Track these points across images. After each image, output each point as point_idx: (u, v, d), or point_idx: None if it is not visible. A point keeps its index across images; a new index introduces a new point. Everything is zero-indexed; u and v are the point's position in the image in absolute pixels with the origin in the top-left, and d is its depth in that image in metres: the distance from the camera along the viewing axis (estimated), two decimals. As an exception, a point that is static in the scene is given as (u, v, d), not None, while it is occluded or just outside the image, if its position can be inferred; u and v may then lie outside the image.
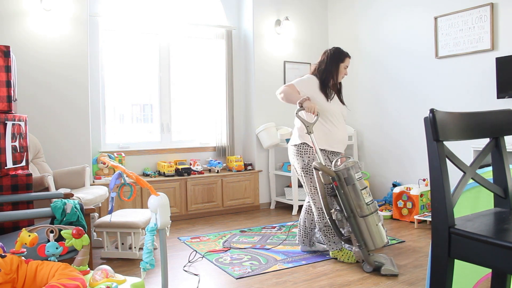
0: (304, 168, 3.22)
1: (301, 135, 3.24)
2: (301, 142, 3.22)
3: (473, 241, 1.15)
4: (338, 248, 3.21)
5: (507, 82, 3.80)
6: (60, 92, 4.26)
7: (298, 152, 3.24)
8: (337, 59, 3.29)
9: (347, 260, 3.15)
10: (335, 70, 3.29)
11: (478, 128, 1.37)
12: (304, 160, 3.21)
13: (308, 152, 3.20)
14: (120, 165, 2.41)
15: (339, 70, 3.30)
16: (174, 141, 5.21)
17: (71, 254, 2.30)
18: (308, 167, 3.20)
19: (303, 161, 3.22)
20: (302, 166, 3.23)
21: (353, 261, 3.12)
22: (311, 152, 3.19)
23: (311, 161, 3.18)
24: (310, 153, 3.19)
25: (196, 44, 5.31)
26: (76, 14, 4.30)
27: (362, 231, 2.87)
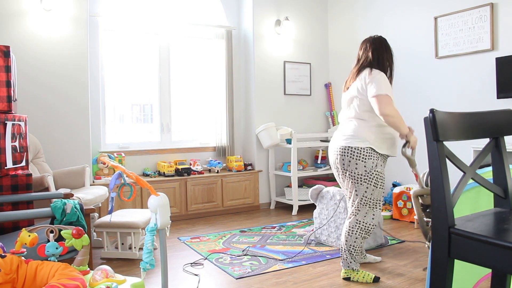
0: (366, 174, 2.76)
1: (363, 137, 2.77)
2: (366, 147, 2.76)
3: (473, 241, 1.15)
4: (357, 268, 2.86)
5: (507, 82, 3.80)
6: (60, 92, 4.26)
7: (360, 154, 2.75)
8: (390, 47, 2.94)
9: (362, 279, 2.83)
10: (392, 61, 2.92)
11: (478, 128, 1.37)
12: (367, 165, 2.75)
13: (373, 157, 2.76)
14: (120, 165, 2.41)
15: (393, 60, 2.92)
16: (174, 141, 5.21)
17: (71, 254, 2.30)
18: (370, 173, 2.77)
19: (365, 166, 2.75)
20: (362, 172, 2.76)
21: (370, 280, 2.81)
22: (375, 157, 2.76)
23: (374, 167, 2.76)
24: (374, 157, 2.76)
25: (196, 44, 5.31)
26: (76, 14, 4.30)
27: None
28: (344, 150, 2.79)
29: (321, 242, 3.68)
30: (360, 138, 2.76)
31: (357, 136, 2.77)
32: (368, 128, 2.77)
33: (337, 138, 2.88)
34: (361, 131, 2.77)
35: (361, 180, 2.78)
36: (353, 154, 2.76)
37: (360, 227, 2.81)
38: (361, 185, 2.78)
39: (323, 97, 5.81)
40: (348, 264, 2.85)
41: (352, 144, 2.77)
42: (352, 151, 2.76)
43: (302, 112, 5.65)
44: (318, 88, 5.77)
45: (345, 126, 2.86)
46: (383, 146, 2.80)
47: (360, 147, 2.75)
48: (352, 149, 2.76)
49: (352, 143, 2.77)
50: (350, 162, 2.77)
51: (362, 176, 2.77)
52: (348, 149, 2.77)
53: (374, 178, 2.78)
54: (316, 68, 5.75)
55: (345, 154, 2.79)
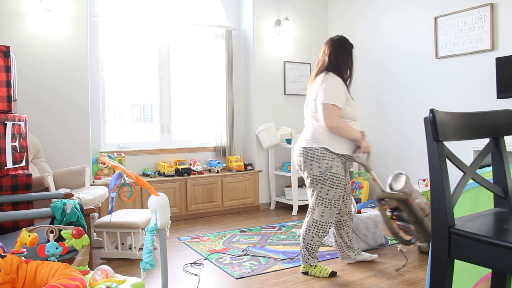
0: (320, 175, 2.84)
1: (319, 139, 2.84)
2: (321, 147, 2.83)
3: (473, 241, 1.15)
4: (314, 264, 2.94)
5: (507, 82, 3.80)
6: (60, 92, 4.26)
7: (313, 155, 2.83)
8: (350, 47, 2.96)
9: (320, 274, 2.91)
10: (351, 62, 2.93)
11: (478, 128, 1.37)
12: (321, 165, 2.82)
13: (327, 158, 2.82)
14: (120, 165, 2.41)
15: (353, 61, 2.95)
16: (174, 141, 5.21)
17: (71, 254, 2.30)
18: (324, 174, 2.82)
19: (319, 166, 2.82)
20: (316, 173, 2.84)
21: (326, 275, 2.90)
22: (330, 158, 2.82)
23: (328, 168, 2.82)
24: (329, 158, 2.82)
25: (196, 44, 5.31)
26: (76, 14, 4.30)
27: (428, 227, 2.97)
28: (302, 151, 2.90)
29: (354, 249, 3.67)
30: (315, 139, 2.86)
31: (313, 137, 2.88)
32: (323, 130, 2.84)
33: (298, 140, 3.02)
34: (316, 132, 2.87)
35: (316, 180, 2.87)
36: (307, 155, 2.87)
37: (316, 226, 2.90)
38: (316, 185, 2.88)
39: (323, 97, 5.81)
40: (306, 260, 2.95)
41: (307, 145, 2.88)
42: (307, 152, 2.87)
43: (302, 112, 5.61)
44: (318, 88, 5.76)
45: (305, 128, 3.01)
46: (341, 146, 2.85)
47: (314, 147, 2.85)
48: (307, 150, 2.87)
49: (308, 144, 2.88)
50: (305, 163, 2.88)
51: (317, 176, 2.86)
52: (304, 150, 2.89)
53: (329, 179, 2.85)
54: (316, 68, 5.74)
55: (302, 155, 2.90)
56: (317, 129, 2.88)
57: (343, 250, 3.15)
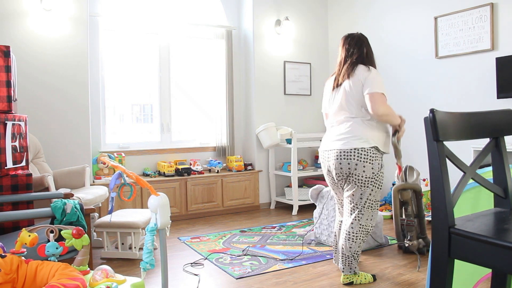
0: (373, 176, 2.67)
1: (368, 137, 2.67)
2: (372, 146, 2.66)
3: (473, 241, 1.15)
4: (358, 272, 2.80)
5: (507, 82, 3.80)
6: (60, 92, 4.26)
7: (367, 156, 2.64)
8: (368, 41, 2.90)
9: (365, 281, 2.77)
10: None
11: (478, 128, 1.37)
12: (374, 167, 2.65)
13: (379, 158, 2.68)
14: (120, 165, 2.41)
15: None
16: (174, 141, 5.21)
17: (71, 254, 2.30)
18: (376, 175, 2.68)
19: (372, 168, 2.65)
20: (369, 175, 2.66)
21: (371, 280, 2.79)
22: (380, 158, 2.69)
23: (380, 169, 2.69)
24: (380, 159, 2.69)
25: (196, 44, 5.31)
26: (76, 14, 4.30)
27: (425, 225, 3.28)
28: (353, 152, 2.64)
29: (321, 242, 3.68)
30: (363, 138, 2.64)
31: (362, 136, 2.65)
32: (370, 127, 2.68)
33: (335, 140, 2.73)
34: (363, 130, 2.66)
35: (367, 182, 2.66)
36: (360, 156, 2.62)
37: (363, 231, 2.73)
38: (367, 187, 2.68)
39: (323, 97, 5.81)
40: (352, 269, 2.76)
41: (359, 145, 2.63)
42: (359, 152, 2.63)
43: (302, 112, 5.65)
44: (318, 88, 5.77)
45: (343, 126, 2.73)
46: (383, 143, 2.73)
47: (366, 147, 2.63)
48: (359, 151, 2.63)
49: (359, 144, 2.63)
50: (357, 165, 2.63)
51: (369, 178, 2.66)
52: (356, 151, 2.63)
53: (378, 180, 2.70)
54: (316, 68, 5.75)
55: (353, 156, 2.64)
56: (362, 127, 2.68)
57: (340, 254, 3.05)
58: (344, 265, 2.78)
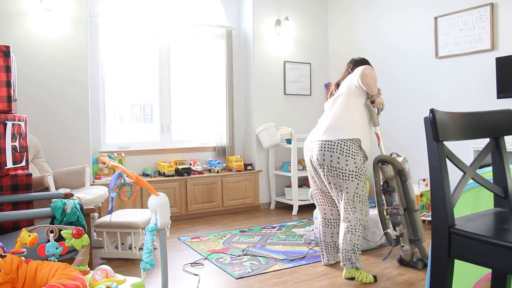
0: (356, 170, 2.75)
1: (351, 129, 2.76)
2: (354, 138, 2.74)
3: (473, 241, 1.15)
4: (360, 267, 2.82)
5: (507, 82, 3.80)
6: (60, 92, 4.26)
7: (349, 150, 2.72)
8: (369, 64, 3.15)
9: (366, 279, 2.77)
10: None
11: (478, 128, 1.37)
12: (357, 161, 2.74)
13: (360, 154, 2.77)
14: (120, 165, 2.41)
15: None
16: (174, 141, 5.21)
17: (71, 254, 2.30)
18: (360, 170, 2.76)
19: (355, 162, 2.73)
20: (353, 169, 2.73)
21: (372, 280, 2.78)
22: (361, 154, 2.78)
23: (362, 163, 2.78)
24: (361, 154, 2.78)
25: (196, 44, 5.31)
26: (76, 14, 4.30)
27: (417, 224, 2.94)
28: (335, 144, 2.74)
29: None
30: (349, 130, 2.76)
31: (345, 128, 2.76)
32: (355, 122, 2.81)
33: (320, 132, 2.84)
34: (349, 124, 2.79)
35: (352, 176, 2.75)
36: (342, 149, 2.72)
37: (361, 225, 2.81)
38: (352, 181, 2.75)
39: (323, 97, 5.81)
40: (353, 263, 2.80)
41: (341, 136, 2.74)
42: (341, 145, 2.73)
43: (302, 112, 5.65)
44: (318, 88, 5.77)
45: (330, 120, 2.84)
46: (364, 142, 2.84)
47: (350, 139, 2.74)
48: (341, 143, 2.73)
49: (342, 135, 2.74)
50: (339, 158, 2.72)
51: (353, 172, 2.74)
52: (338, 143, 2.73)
53: (363, 174, 2.81)
54: (316, 68, 5.75)
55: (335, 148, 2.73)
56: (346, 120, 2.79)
57: (329, 251, 3.10)
58: (344, 260, 2.82)
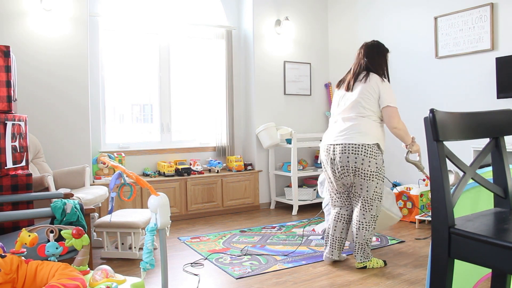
0: (376, 171, 2.95)
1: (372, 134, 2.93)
2: (375, 143, 2.95)
3: (473, 241, 1.15)
4: (370, 257, 3.06)
5: (507, 82, 3.80)
6: (60, 92, 4.26)
7: (372, 152, 2.92)
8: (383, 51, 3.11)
9: (377, 266, 3.06)
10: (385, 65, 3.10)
11: (478, 128, 1.37)
12: (378, 162, 2.95)
13: (380, 155, 2.97)
14: (120, 165, 2.41)
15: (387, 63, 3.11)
16: (174, 141, 5.21)
17: (71, 254, 2.30)
18: (380, 170, 2.97)
19: (376, 163, 2.94)
20: (374, 170, 2.94)
21: (382, 265, 3.08)
22: (381, 155, 2.99)
23: (382, 164, 2.99)
24: (381, 155, 2.98)
25: (196, 44, 5.31)
26: (76, 14, 4.30)
27: None
28: (357, 147, 2.91)
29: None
30: (368, 135, 2.92)
31: (365, 133, 2.92)
32: (375, 126, 2.96)
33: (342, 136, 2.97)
34: (368, 128, 2.93)
35: (372, 176, 2.95)
36: (366, 152, 2.90)
37: (374, 220, 3.03)
38: (372, 181, 2.96)
39: (323, 97, 5.81)
40: (367, 256, 3.03)
41: (363, 141, 2.90)
42: (365, 148, 2.90)
43: (302, 112, 5.65)
44: (318, 88, 5.77)
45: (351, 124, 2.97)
46: (383, 142, 3.04)
47: (369, 143, 2.91)
48: (364, 146, 2.90)
49: (363, 140, 2.91)
50: (363, 160, 2.91)
51: (374, 172, 2.94)
52: (361, 147, 2.90)
53: (382, 174, 3.00)
54: (316, 68, 5.75)
55: (359, 151, 2.91)
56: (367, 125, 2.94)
57: (335, 246, 3.14)
58: (358, 253, 3.04)
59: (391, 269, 3.04)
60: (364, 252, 3.03)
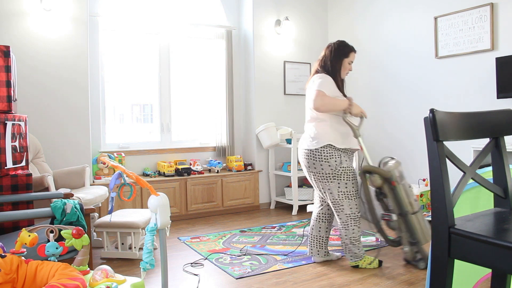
0: (332, 172, 2.95)
1: (322, 136, 2.96)
2: (325, 145, 2.94)
3: (473, 241, 1.15)
4: (362, 255, 3.05)
5: (507, 82, 3.80)
6: (60, 92, 4.26)
7: (321, 156, 2.95)
8: (341, 53, 3.07)
9: (371, 266, 3.04)
10: (339, 66, 3.07)
11: (478, 128, 1.37)
12: (331, 164, 2.94)
13: (335, 156, 2.94)
14: (120, 165, 2.41)
15: (342, 65, 3.07)
16: (174, 141, 5.21)
17: (71, 254, 2.30)
18: (337, 171, 2.95)
19: (329, 165, 2.94)
20: (329, 172, 2.95)
21: (376, 265, 3.05)
22: (337, 155, 2.95)
23: (338, 164, 2.95)
24: (336, 156, 2.95)
25: (196, 44, 5.31)
26: (76, 14, 4.30)
27: (415, 227, 2.92)
28: (307, 153, 3.01)
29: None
30: (316, 138, 2.97)
31: (314, 137, 2.99)
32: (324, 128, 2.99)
33: (301, 141, 3.11)
34: (319, 131, 2.99)
35: (330, 178, 2.97)
36: (314, 157, 2.97)
37: (352, 219, 3.01)
38: (332, 182, 2.98)
39: (323, 97, 5.81)
40: (353, 255, 3.04)
41: (312, 146, 2.98)
42: (313, 153, 2.97)
43: (302, 112, 5.61)
44: (318, 88, 5.77)
45: (306, 128, 3.12)
46: (343, 141, 3.00)
47: (319, 148, 2.95)
48: (312, 152, 2.97)
49: (311, 145, 2.98)
50: (314, 165, 2.98)
51: (330, 174, 2.96)
52: (309, 152, 2.99)
53: (342, 174, 2.97)
54: (316, 68, 5.75)
55: (308, 157, 3.00)
56: (317, 128, 3.02)
57: (319, 245, 3.17)
58: (346, 253, 3.08)
59: (391, 269, 3.04)
60: (350, 251, 3.04)
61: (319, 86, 2.96)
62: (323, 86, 2.97)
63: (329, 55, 3.10)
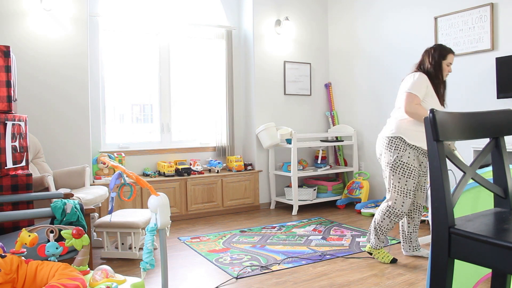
0: (391, 163, 3.04)
1: (398, 128, 3.04)
2: (397, 136, 3.03)
3: (473, 241, 1.15)
4: (380, 246, 3.19)
5: (507, 82, 3.80)
6: (60, 92, 4.26)
7: (389, 144, 3.06)
8: (439, 56, 3.11)
9: (382, 260, 3.18)
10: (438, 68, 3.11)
11: (478, 128, 1.37)
12: (392, 154, 3.04)
13: (400, 149, 3.02)
14: (120, 165, 2.42)
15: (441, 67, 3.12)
16: (174, 141, 5.21)
17: (71, 254, 2.30)
18: (395, 162, 3.03)
19: (391, 155, 3.04)
20: (388, 161, 3.07)
21: (388, 261, 3.16)
22: (402, 149, 3.01)
23: (399, 158, 3.02)
24: (401, 149, 3.02)
25: (196, 44, 5.31)
26: (76, 14, 4.30)
27: None
28: (383, 139, 3.14)
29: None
30: (393, 129, 3.06)
31: (391, 128, 3.08)
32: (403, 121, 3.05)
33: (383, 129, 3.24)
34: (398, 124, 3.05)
35: (388, 167, 3.08)
36: (383, 143, 3.10)
37: (388, 211, 3.10)
38: (388, 172, 3.09)
39: (323, 97, 5.81)
40: (371, 241, 3.19)
41: (385, 134, 3.10)
42: (385, 140, 3.08)
43: (302, 112, 5.65)
44: (318, 88, 5.77)
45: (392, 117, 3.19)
46: (415, 138, 3.02)
47: (390, 136, 3.06)
48: (385, 139, 3.09)
49: (386, 133, 3.10)
50: (380, 151, 3.15)
51: (388, 164, 3.08)
52: (384, 139, 3.11)
53: (399, 168, 3.03)
54: (316, 68, 5.75)
55: (382, 143, 3.13)
56: (397, 120, 3.08)
57: (403, 239, 3.33)
58: (368, 235, 3.25)
59: (391, 269, 3.04)
60: (371, 235, 3.18)
61: (411, 88, 3.00)
62: (415, 87, 3.00)
63: (427, 59, 3.14)
